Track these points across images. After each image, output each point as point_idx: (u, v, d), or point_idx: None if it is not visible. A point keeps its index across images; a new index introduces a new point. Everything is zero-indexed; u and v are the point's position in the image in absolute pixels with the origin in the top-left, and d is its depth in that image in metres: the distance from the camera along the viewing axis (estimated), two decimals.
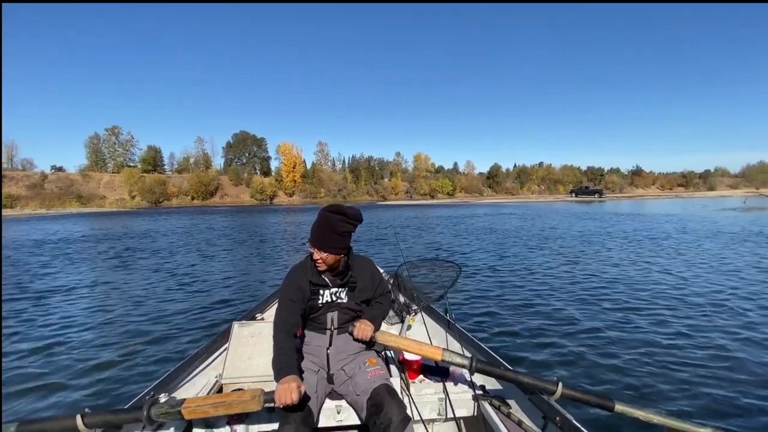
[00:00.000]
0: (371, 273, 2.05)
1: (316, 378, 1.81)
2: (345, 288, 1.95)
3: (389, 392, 1.68)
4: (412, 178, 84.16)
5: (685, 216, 22.36)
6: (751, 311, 4.98)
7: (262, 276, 8.00)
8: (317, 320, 1.94)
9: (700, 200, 47.21)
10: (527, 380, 1.66)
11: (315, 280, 1.90)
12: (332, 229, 1.81)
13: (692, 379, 3.33)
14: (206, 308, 5.62)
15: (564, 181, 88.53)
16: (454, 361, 1.75)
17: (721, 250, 9.89)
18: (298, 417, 1.57)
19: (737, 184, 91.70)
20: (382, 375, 1.79)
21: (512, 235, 14.62)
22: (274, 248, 12.34)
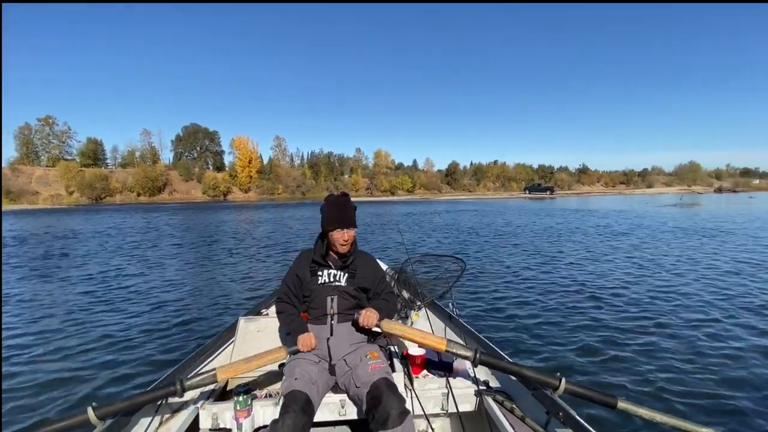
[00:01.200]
0: (373, 265, 2.14)
1: (317, 369, 1.85)
2: (345, 273, 2.04)
3: (388, 386, 1.69)
4: (372, 175, 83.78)
5: (640, 212, 23.52)
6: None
7: (220, 286, 7.12)
8: (317, 304, 2.00)
9: (640, 197, 50.42)
10: (531, 374, 1.64)
11: (317, 259, 2.04)
12: (350, 206, 2.02)
13: (695, 378, 3.32)
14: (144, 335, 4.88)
15: (517, 178, 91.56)
16: (458, 352, 1.72)
17: (697, 247, 10.28)
18: (298, 406, 1.60)
19: (671, 182, 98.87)
20: (383, 368, 1.79)
21: (485, 232, 14.60)
22: (230, 250, 11.46)
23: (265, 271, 8.15)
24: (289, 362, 1.89)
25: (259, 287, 6.71)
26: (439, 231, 15.49)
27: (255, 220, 22.97)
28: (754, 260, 8.25)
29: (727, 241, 11.22)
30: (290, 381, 1.73)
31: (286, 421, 1.55)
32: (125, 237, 14.81)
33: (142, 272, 8.09)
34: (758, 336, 4.17)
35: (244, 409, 1.71)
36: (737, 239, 11.50)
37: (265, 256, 9.96)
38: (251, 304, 4.44)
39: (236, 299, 5.97)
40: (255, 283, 7.00)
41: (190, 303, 5.79)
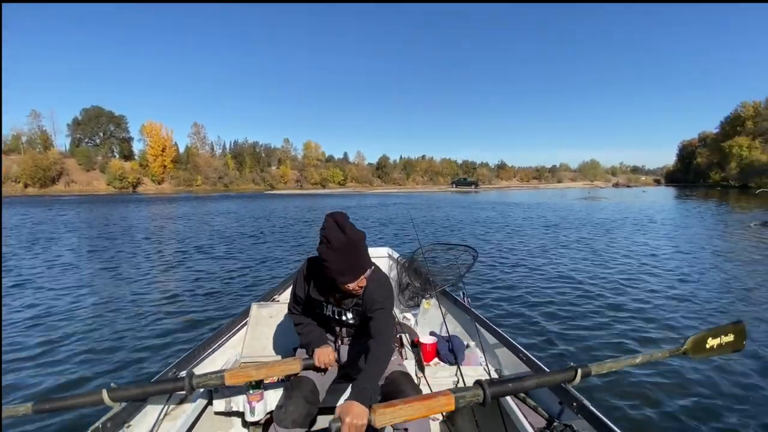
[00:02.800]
0: (382, 295, 1.65)
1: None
2: (350, 310, 1.77)
3: (404, 376, 1.65)
4: (302, 167, 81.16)
5: (561, 205, 25.12)
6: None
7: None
8: (325, 326, 1.87)
9: (552, 191, 55.09)
10: (547, 379, 1.49)
11: (314, 295, 1.71)
12: (361, 245, 1.53)
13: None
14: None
15: (443, 173, 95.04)
16: (468, 399, 1.42)
17: (631, 236, 10.84)
18: (302, 393, 1.58)
19: (575, 177, 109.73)
20: (396, 360, 1.76)
21: (426, 225, 14.25)
22: (142, 252, 9.77)
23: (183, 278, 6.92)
24: (302, 348, 1.86)
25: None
26: (385, 225, 14.95)
27: (176, 214, 20.51)
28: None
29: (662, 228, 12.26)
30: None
31: (289, 407, 1.54)
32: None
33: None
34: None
35: (256, 393, 1.72)
36: (673, 227, 12.61)
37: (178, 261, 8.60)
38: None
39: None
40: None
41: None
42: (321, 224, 1.52)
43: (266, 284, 6.10)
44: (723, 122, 62.60)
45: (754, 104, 56.96)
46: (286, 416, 1.52)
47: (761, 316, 4.50)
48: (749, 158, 49.61)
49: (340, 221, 1.52)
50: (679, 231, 12.20)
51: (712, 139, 65.91)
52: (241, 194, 51.15)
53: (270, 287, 3.42)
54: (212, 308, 5.00)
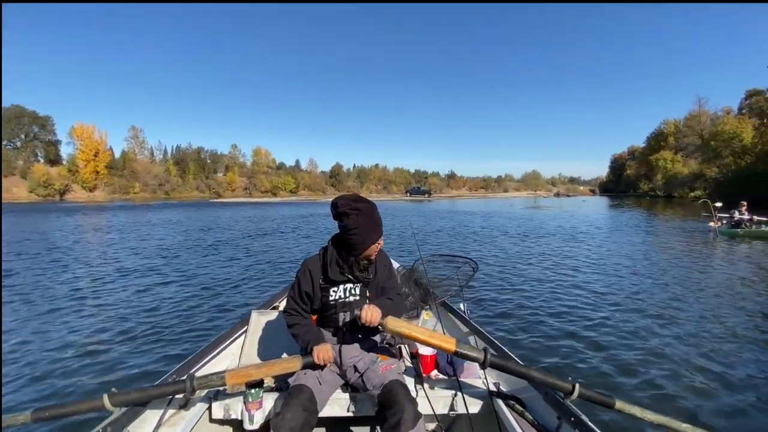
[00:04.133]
0: (385, 264, 1.99)
1: (326, 370, 1.80)
2: (360, 283, 1.90)
3: (401, 387, 1.66)
4: (251, 174, 78.12)
5: (518, 215, 25.73)
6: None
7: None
8: (329, 319, 1.92)
9: (501, 200, 56.97)
10: (543, 378, 1.60)
11: (333, 275, 1.85)
12: (375, 216, 1.82)
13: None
14: None
15: (397, 181, 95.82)
16: (467, 353, 1.64)
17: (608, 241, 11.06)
18: (300, 401, 1.58)
19: (519, 187, 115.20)
20: (394, 369, 1.78)
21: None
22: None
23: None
24: None
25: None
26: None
27: (112, 225, 18.42)
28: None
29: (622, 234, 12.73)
30: (298, 374, 1.73)
31: (287, 415, 1.53)
32: None
33: None
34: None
35: (255, 401, 1.71)
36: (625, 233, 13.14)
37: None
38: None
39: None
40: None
41: None
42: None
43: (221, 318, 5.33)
44: (649, 137, 68.42)
45: (675, 122, 62.86)
46: (283, 424, 1.50)
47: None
48: (673, 171, 54.44)
49: (355, 196, 1.82)
50: (637, 237, 12.79)
51: (640, 152, 71.76)
52: (184, 202, 48.05)
53: (270, 295, 3.32)
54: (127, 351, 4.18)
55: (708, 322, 4.80)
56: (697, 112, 58.13)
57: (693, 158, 52.80)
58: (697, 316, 5.00)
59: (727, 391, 3.19)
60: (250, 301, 5.80)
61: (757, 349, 4.00)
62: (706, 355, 3.86)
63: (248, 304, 5.54)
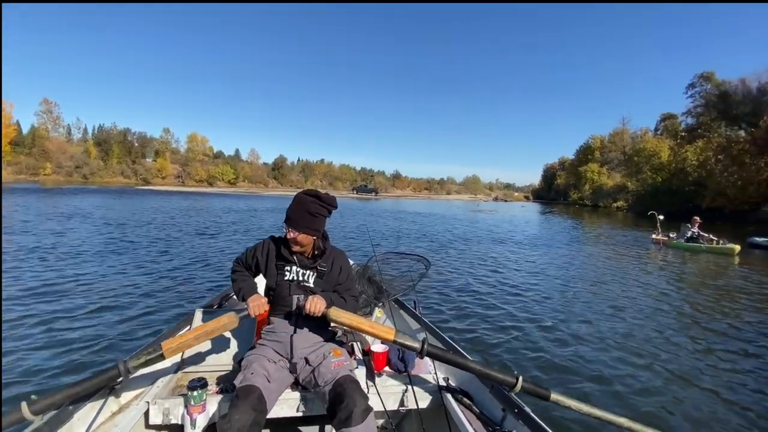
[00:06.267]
0: (342, 266, 2.04)
1: (276, 366, 1.78)
2: (313, 272, 1.95)
3: (352, 383, 1.67)
4: (185, 161, 72.57)
5: (463, 216, 26.13)
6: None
7: None
8: (283, 300, 1.92)
9: (444, 202, 58.39)
10: (488, 372, 1.66)
11: (284, 253, 1.93)
12: (304, 208, 1.85)
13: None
14: None
15: (342, 178, 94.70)
16: (406, 343, 1.72)
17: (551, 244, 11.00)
18: (248, 402, 1.53)
19: (461, 191, 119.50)
20: (346, 366, 1.78)
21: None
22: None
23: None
24: (247, 357, 1.81)
25: None
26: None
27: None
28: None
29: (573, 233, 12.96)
30: (245, 375, 1.67)
31: (234, 416, 1.47)
32: None
33: None
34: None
35: (198, 404, 1.64)
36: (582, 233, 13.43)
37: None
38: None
39: None
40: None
41: None
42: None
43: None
44: (578, 150, 73.63)
45: (601, 138, 68.27)
46: (231, 426, 1.44)
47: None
48: (599, 182, 59.05)
49: (320, 192, 1.92)
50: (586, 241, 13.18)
51: (570, 164, 77.05)
52: (105, 188, 43.22)
53: (216, 294, 3.14)
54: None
55: (641, 320, 5.16)
56: (620, 129, 63.50)
57: (617, 171, 57.57)
58: (632, 316, 5.33)
59: (659, 386, 3.39)
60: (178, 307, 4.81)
61: (689, 345, 4.35)
62: (639, 351, 4.14)
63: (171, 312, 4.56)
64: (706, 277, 8.29)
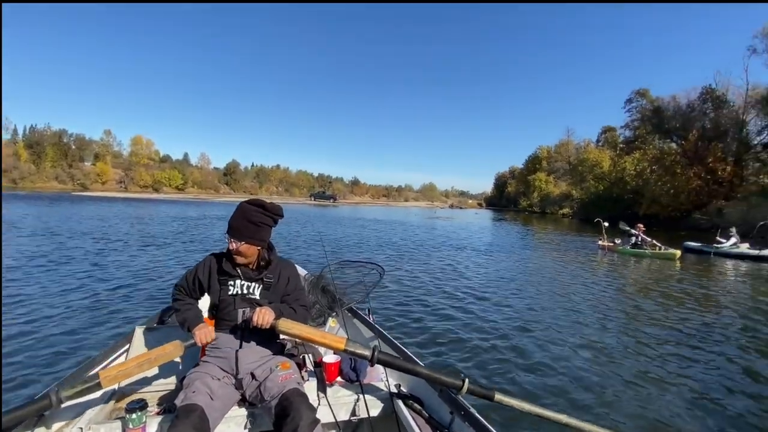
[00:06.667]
0: (290, 276, 2.00)
1: (220, 383, 1.71)
2: (259, 284, 1.90)
3: (299, 396, 1.64)
4: (128, 165, 68.22)
5: (421, 223, 26.37)
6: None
7: None
8: (227, 315, 1.85)
9: (403, 209, 58.95)
10: (436, 376, 1.69)
11: (226, 267, 1.87)
12: (247, 218, 1.81)
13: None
14: None
15: (299, 184, 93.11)
16: (356, 351, 1.70)
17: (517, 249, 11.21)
18: (189, 421, 1.46)
19: (418, 198, 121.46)
20: (294, 378, 1.75)
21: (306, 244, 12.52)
22: None
23: None
24: (189, 375, 1.72)
25: None
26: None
27: None
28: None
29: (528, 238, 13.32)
30: (186, 394, 1.59)
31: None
32: None
33: None
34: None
35: (137, 427, 1.57)
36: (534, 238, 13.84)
37: None
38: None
39: None
40: None
41: None
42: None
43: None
44: (527, 160, 77.37)
45: (547, 148, 72.16)
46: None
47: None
48: (546, 190, 62.26)
49: (264, 201, 1.89)
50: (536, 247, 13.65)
51: (519, 172, 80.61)
52: (37, 194, 39.61)
53: (157, 311, 2.91)
54: None
55: (591, 323, 5.37)
56: (565, 141, 67.47)
57: (563, 180, 60.94)
58: (582, 319, 5.54)
59: (597, 386, 3.49)
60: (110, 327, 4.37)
61: (630, 344, 4.55)
62: (588, 351, 4.31)
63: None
64: (652, 280, 8.74)
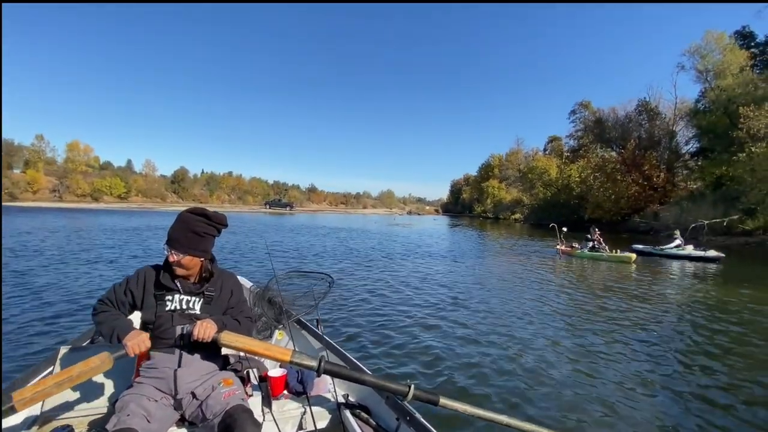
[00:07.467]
0: (232, 287, 1.93)
1: (157, 404, 1.61)
2: (200, 298, 1.80)
3: (244, 412, 1.58)
4: (63, 173, 62.86)
5: (382, 231, 26.11)
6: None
7: None
8: (164, 333, 1.71)
9: (361, 216, 58.68)
10: (382, 383, 1.68)
11: (164, 280, 1.76)
12: (190, 228, 1.71)
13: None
14: None
15: (253, 192, 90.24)
16: (302, 362, 1.66)
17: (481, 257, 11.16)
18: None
19: (376, 205, 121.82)
20: (238, 395, 1.69)
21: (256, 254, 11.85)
22: None
23: None
24: (123, 397, 1.60)
25: None
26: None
27: None
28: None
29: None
30: (120, 417, 1.49)
31: None
32: None
33: None
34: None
35: None
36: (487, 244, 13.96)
37: None
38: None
39: None
40: None
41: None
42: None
43: None
44: (480, 168, 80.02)
45: (499, 156, 75.06)
46: None
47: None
48: (499, 196, 64.63)
49: (207, 210, 1.79)
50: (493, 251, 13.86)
51: (473, 180, 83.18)
52: None
53: (84, 329, 2.78)
54: None
55: (551, 324, 5.45)
56: (516, 149, 70.57)
57: (514, 187, 63.49)
58: (542, 321, 5.61)
59: (543, 386, 3.50)
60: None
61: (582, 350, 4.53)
62: (545, 353, 4.34)
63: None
64: (612, 281, 9.04)
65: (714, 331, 5.23)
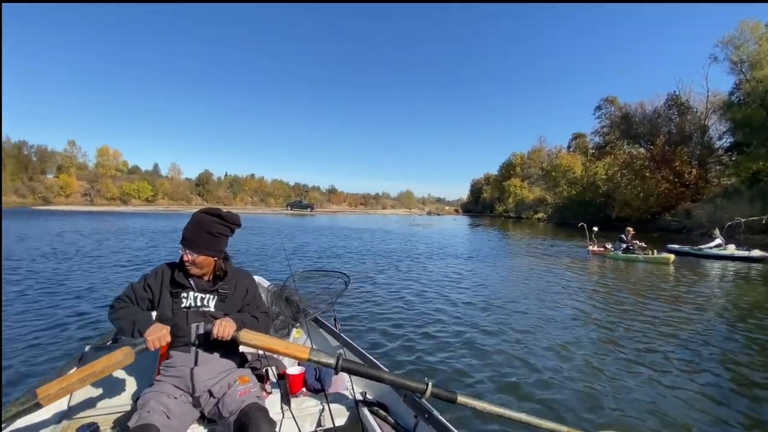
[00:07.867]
0: (247, 286, 1.94)
1: (176, 402, 1.64)
2: (214, 296, 1.82)
3: (259, 410, 1.59)
4: (94, 177, 65.28)
5: (403, 231, 26.00)
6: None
7: None
8: (180, 332, 1.73)
9: (381, 217, 58.61)
10: (400, 381, 1.68)
11: (179, 278, 1.79)
12: (204, 229, 1.74)
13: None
14: None
15: (275, 194, 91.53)
16: (320, 360, 1.67)
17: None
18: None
19: (395, 205, 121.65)
20: (253, 393, 1.69)
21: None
22: None
23: None
24: (144, 395, 1.64)
25: None
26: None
27: None
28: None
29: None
30: (141, 414, 1.51)
31: None
32: None
33: None
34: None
35: None
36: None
37: None
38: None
39: None
40: None
41: None
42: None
43: None
44: (501, 166, 78.83)
45: (521, 155, 73.84)
46: None
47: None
48: (521, 195, 63.48)
49: (221, 210, 1.82)
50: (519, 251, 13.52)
51: (494, 179, 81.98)
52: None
53: (108, 329, 2.83)
54: None
55: (593, 329, 5.22)
56: (538, 147, 69.21)
57: (537, 185, 62.23)
58: (562, 321, 5.49)
59: (569, 388, 3.40)
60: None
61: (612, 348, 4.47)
62: (589, 358, 4.15)
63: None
64: (651, 285, 8.45)
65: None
